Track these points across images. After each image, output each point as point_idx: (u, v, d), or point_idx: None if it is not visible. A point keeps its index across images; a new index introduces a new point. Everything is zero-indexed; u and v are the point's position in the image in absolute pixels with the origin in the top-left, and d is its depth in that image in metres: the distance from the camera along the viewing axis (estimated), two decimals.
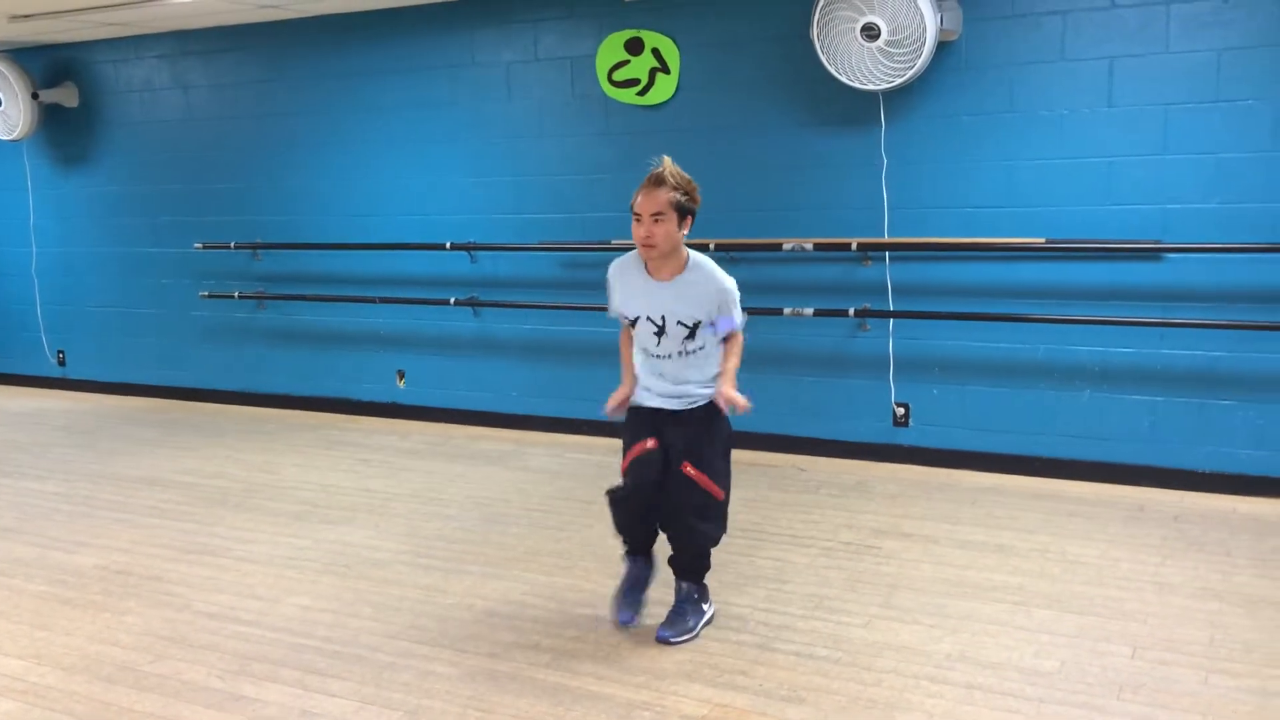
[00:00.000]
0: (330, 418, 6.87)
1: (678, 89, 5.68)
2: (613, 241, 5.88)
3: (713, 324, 3.41)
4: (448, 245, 6.32)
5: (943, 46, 4.99)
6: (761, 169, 5.55)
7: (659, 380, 3.45)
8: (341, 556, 4.25)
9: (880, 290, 5.32)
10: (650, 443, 3.38)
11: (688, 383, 3.44)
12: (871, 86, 4.98)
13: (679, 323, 3.38)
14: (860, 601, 3.66)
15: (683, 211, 3.37)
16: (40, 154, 7.84)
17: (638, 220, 3.36)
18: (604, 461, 5.61)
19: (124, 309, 7.72)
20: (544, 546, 4.32)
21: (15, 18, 6.41)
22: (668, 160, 3.41)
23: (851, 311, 5.34)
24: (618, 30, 5.75)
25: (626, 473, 3.41)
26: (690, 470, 3.35)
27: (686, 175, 3.41)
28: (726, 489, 3.45)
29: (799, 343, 5.56)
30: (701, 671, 3.17)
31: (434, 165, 6.41)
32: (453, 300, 6.39)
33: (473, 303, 6.35)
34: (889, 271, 5.30)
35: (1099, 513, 4.54)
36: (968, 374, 5.21)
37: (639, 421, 3.47)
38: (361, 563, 4.18)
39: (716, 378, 3.45)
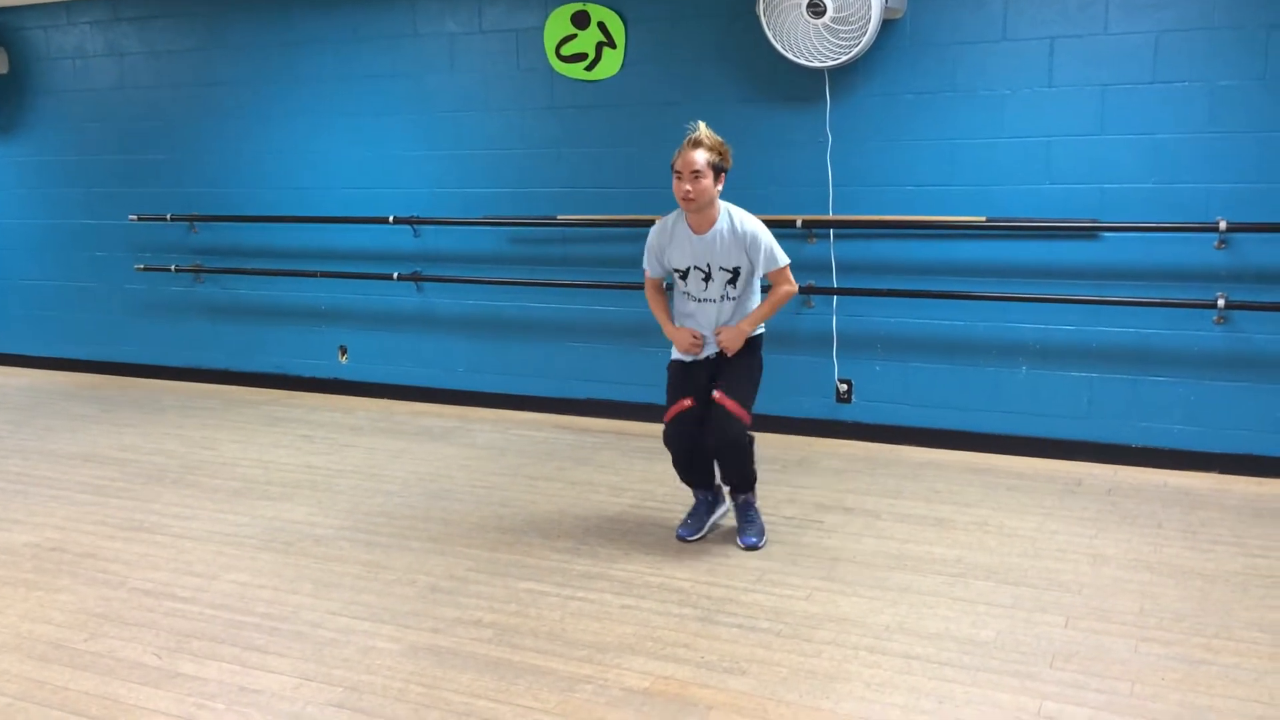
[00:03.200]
0: (271, 394, 6.78)
1: (624, 64, 5.65)
2: (558, 217, 5.85)
3: (752, 266, 3.88)
4: (390, 219, 6.24)
5: (888, 25, 5.02)
6: None
7: (709, 328, 3.94)
8: (282, 533, 4.21)
9: (825, 267, 5.36)
10: (687, 402, 3.92)
11: (711, 325, 3.93)
12: (817, 64, 4.99)
13: (721, 268, 3.86)
14: (802, 575, 3.70)
15: (717, 170, 3.77)
16: None
17: (678, 177, 3.74)
18: (550, 438, 5.60)
19: (57, 282, 7.53)
20: (488, 522, 4.30)
21: None
22: (703, 125, 3.79)
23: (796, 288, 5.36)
24: (563, 3, 5.70)
25: (667, 426, 3.97)
26: (720, 395, 3.87)
27: (719, 138, 3.80)
28: (750, 412, 3.97)
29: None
30: (644, 644, 3.19)
31: (377, 138, 6.32)
32: (396, 275, 6.32)
33: (416, 278, 6.29)
34: (833, 249, 5.33)
35: (1036, 487, 4.63)
36: (909, 351, 5.27)
37: (681, 376, 3.99)
38: (302, 539, 4.13)
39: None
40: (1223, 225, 4.57)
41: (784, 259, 3.91)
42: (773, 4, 4.96)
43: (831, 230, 5.32)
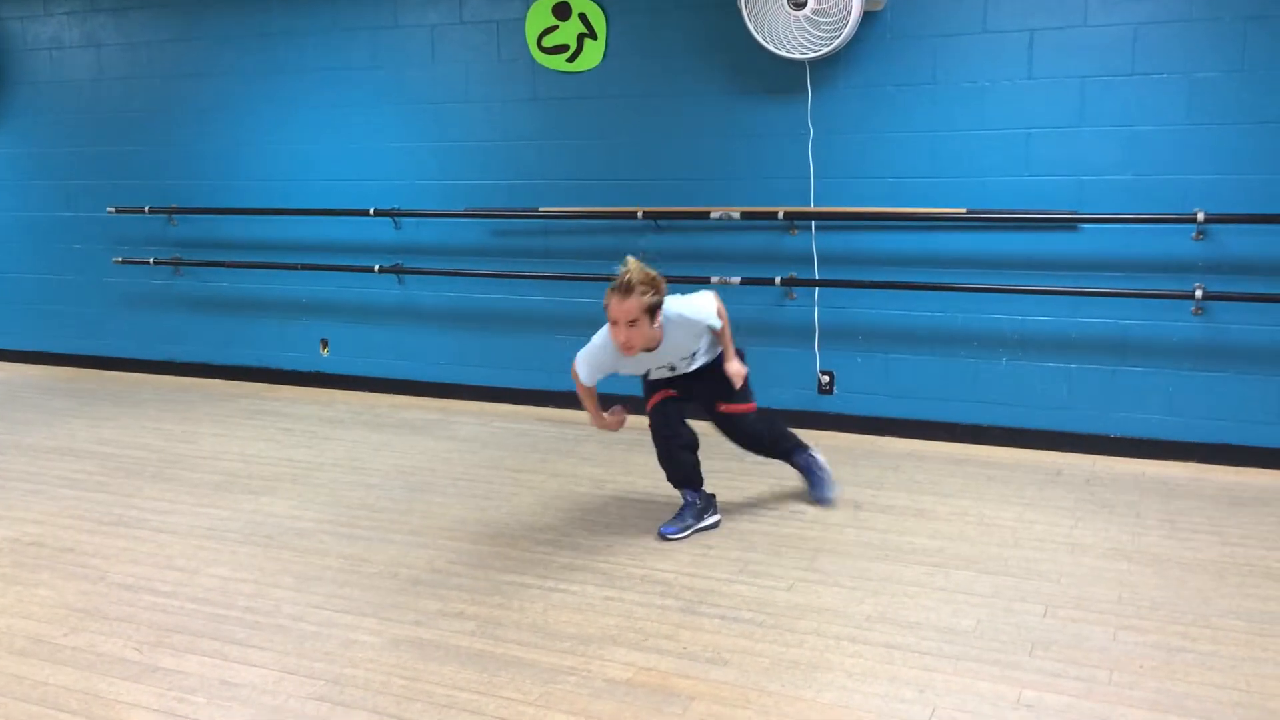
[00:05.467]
0: (252, 387, 6.74)
1: (605, 55, 5.64)
2: (540, 209, 5.83)
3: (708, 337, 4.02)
4: (371, 211, 6.22)
5: (868, 17, 5.02)
6: (689, 137, 5.54)
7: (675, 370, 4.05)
8: (262, 527, 4.19)
9: (806, 259, 5.37)
10: (670, 391, 4.06)
11: (685, 362, 4.04)
12: (798, 56, 4.99)
13: (682, 358, 3.99)
14: (784, 565, 3.71)
15: (654, 310, 3.71)
16: None
17: (614, 324, 3.69)
18: (531, 430, 5.59)
19: (34, 275, 7.46)
20: (469, 515, 4.30)
21: None
22: (633, 263, 3.69)
23: (778, 280, 5.38)
24: None
25: (651, 413, 4.09)
26: (724, 408, 4.12)
27: (650, 272, 3.70)
28: (754, 400, 4.20)
29: (726, 311, 5.57)
30: (626, 635, 3.19)
31: (357, 129, 6.29)
32: (377, 267, 6.30)
33: (397, 270, 6.26)
34: (815, 240, 5.34)
35: (1016, 477, 4.66)
36: (891, 342, 5.29)
37: (656, 383, 4.10)
38: (283, 532, 4.12)
39: (710, 346, 4.08)
40: (1201, 217, 4.60)
41: (710, 304, 3.94)
42: None
43: (813, 222, 5.33)
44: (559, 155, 5.85)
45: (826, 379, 5.44)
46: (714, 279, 5.47)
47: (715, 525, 4.11)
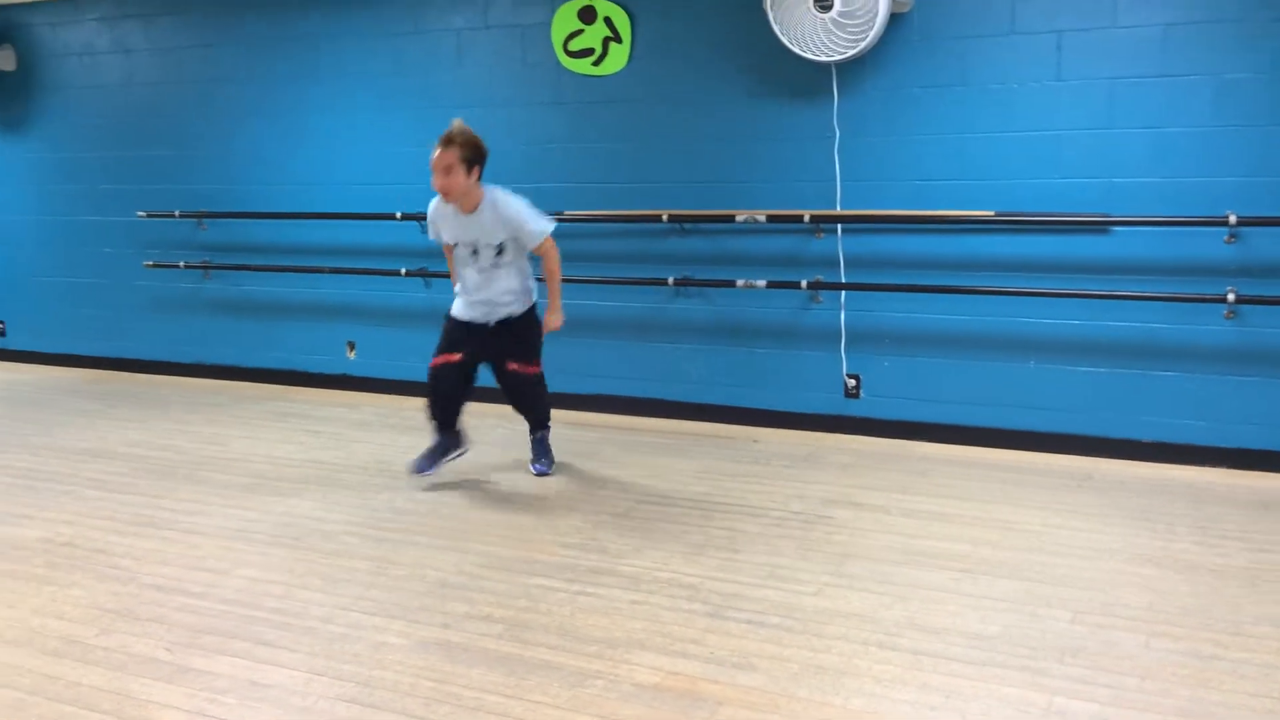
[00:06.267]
0: (279, 389, 6.79)
1: (630, 59, 5.65)
2: (565, 212, 5.85)
3: (516, 239, 4.43)
4: (398, 215, 6.25)
5: (895, 19, 5.01)
6: (715, 140, 5.54)
7: (477, 290, 4.49)
8: (290, 528, 4.22)
9: (832, 262, 5.35)
10: (455, 356, 4.56)
11: (498, 293, 4.48)
12: (824, 58, 4.98)
13: (487, 244, 4.41)
14: (811, 570, 3.70)
15: (470, 163, 4.28)
16: None
17: (434, 173, 4.27)
18: (557, 433, 5.59)
19: (66, 279, 7.55)
20: (495, 518, 4.31)
21: None
22: (457, 121, 4.34)
23: (804, 283, 5.37)
24: None
25: (432, 370, 4.62)
26: (514, 366, 4.63)
27: (472, 132, 4.30)
28: (539, 365, 4.71)
29: (751, 314, 5.58)
30: (654, 640, 3.19)
31: (384, 133, 6.32)
32: (404, 271, 6.33)
33: (424, 274, 6.29)
34: (841, 244, 5.33)
35: (1044, 482, 4.62)
36: (918, 346, 5.27)
37: (454, 333, 4.59)
38: (311, 534, 4.14)
39: (522, 292, 4.54)
40: (1232, 219, 4.56)
41: (546, 225, 4.44)
42: None
43: (839, 225, 5.32)
44: (584, 159, 5.86)
45: (853, 383, 5.42)
46: (739, 282, 5.46)
47: (463, 453, 4.84)
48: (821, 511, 4.30)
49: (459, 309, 4.61)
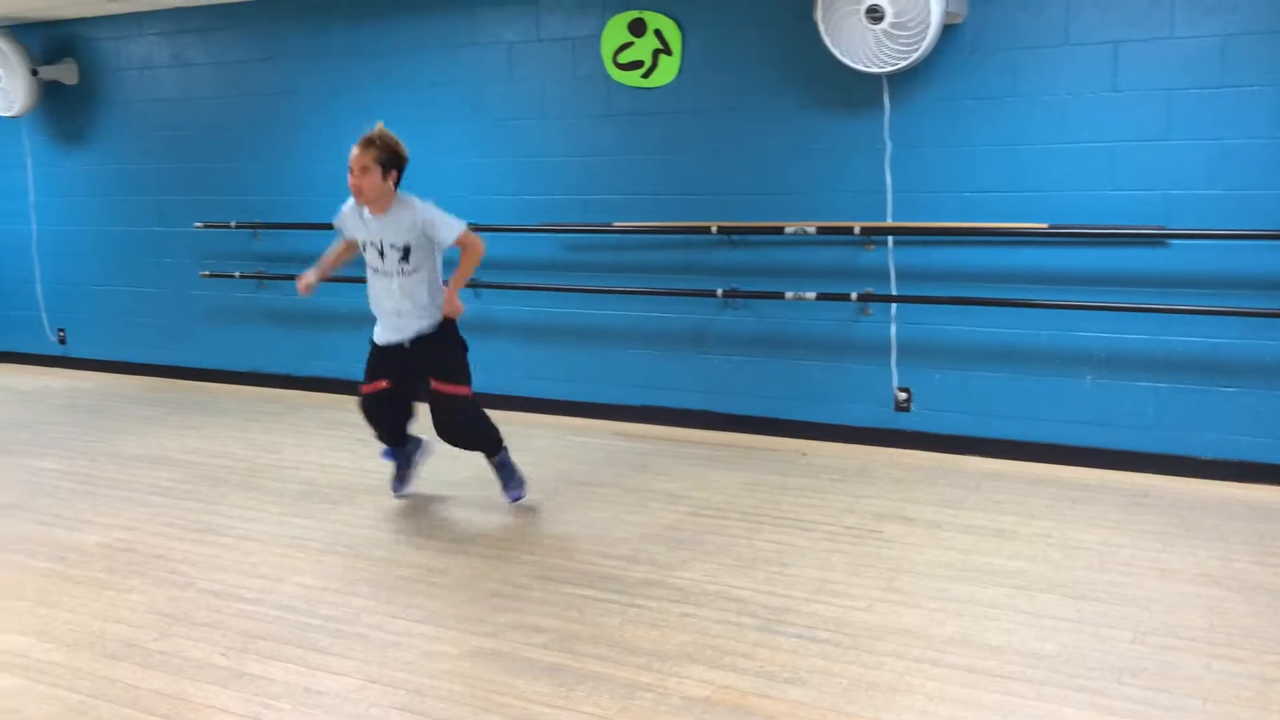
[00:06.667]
0: (331, 398, 6.87)
1: (680, 71, 5.66)
2: (614, 224, 5.86)
3: (430, 240, 4.36)
4: None
5: (947, 29, 4.97)
6: (764, 152, 5.53)
7: (387, 299, 4.39)
8: (342, 536, 4.26)
9: (883, 274, 5.32)
10: (382, 384, 4.47)
11: (411, 307, 4.38)
12: (875, 69, 4.96)
13: (392, 245, 4.34)
14: (862, 585, 3.67)
15: (386, 166, 4.26)
16: (40, 131, 7.81)
17: (350, 173, 4.23)
18: (605, 444, 5.61)
19: (125, 288, 7.70)
20: (544, 529, 4.32)
21: None
22: (380, 125, 4.33)
23: (854, 295, 5.33)
24: (620, 11, 5.72)
25: (363, 400, 4.56)
26: (438, 385, 4.40)
27: (393, 136, 4.30)
28: (469, 384, 4.49)
29: (800, 327, 5.56)
30: (703, 653, 3.18)
31: (434, 145, 6.38)
32: None
33: (473, 284, 6.33)
34: (892, 256, 5.29)
35: (1101, 498, 4.55)
36: (970, 359, 5.21)
37: (379, 359, 4.49)
38: (362, 542, 4.19)
39: (430, 306, 4.41)
40: None
41: (456, 225, 4.39)
42: (830, 10, 4.94)
43: (890, 237, 5.28)
44: (633, 170, 5.88)
45: (904, 396, 5.38)
46: (788, 294, 5.44)
47: (427, 454, 4.80)
48: (872, 526, 4.26)
49: (377, 333, 4.51)
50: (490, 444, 4.57)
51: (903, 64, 4.89)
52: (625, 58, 5.75)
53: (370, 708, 2.91)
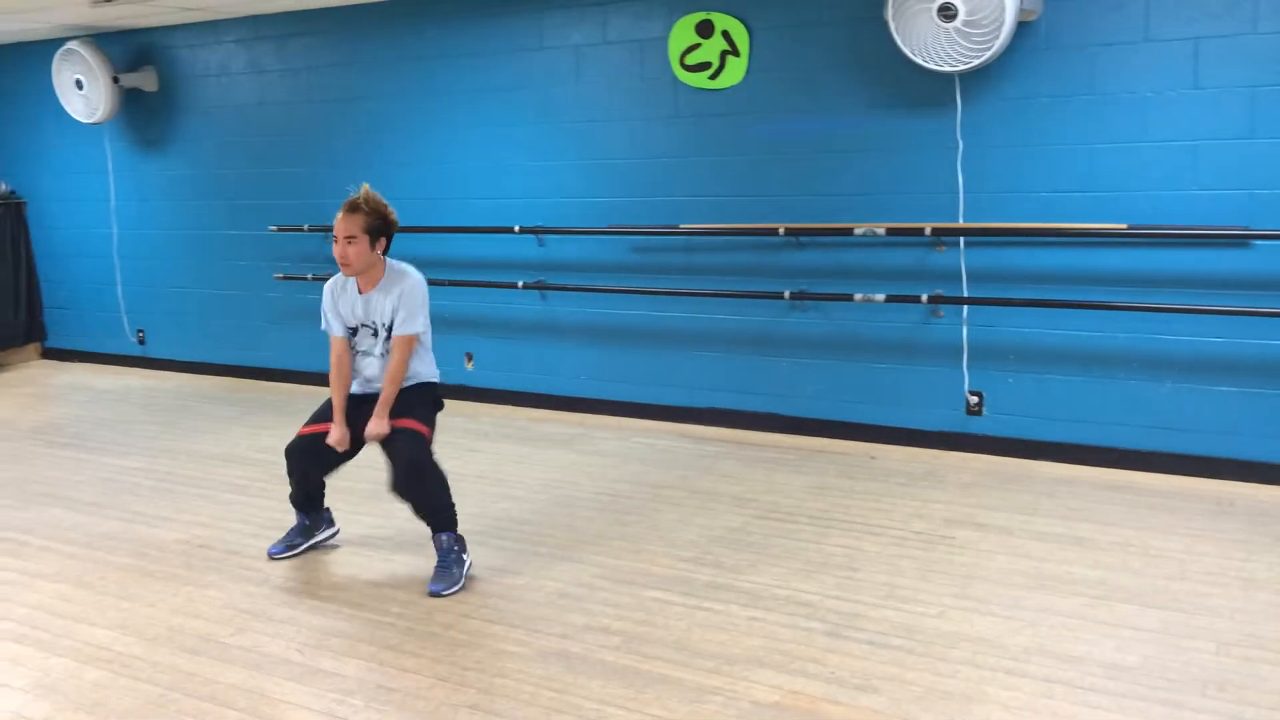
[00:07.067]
0: None
1: (747, 72, 5.63)
2: (681, 226, 5.86)
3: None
4: (516, 229, 6.35)
5: (1022, 27, 4.88)
6: (832, 152, 5.48)
7: (370, 370, 3.95)
8: (412, 536, 4.30)
9: (954, 276, 5.24)
10: (325, 426, 3.94)
11: (374, 375, 3.95)
12: (948, 68, 4.89)
13: (381, 322, 3.90)
14: (933, 591, 3.62)
15: (375, 233, 3.83)
16: (120, 137, 8.03)
17: (335, 241, 3.82)
18: (671, 446, 5.61)
19: (201, 289, 7.88)
20: (612, 530, 4.33)
21: (98, 2, 6.55)
22: (365, 187, 3.90)
23: (924, 297, 5.26)
24: (688, 13, 5.71)
25: (295, 440, 4.03)
26: (397, 420, 3.84)
27: (381, 200, 3.88)
28: (430, 429, 3.92)
29: (870, 329, 5.50)
30: (772, 658, 3.16)
31: (503, 149, 6.44)
32: (520, 283, 6.42)
33: (540, 286, 6.38)
34: (964, 257, 5.21)
35: (1182, 506, 4.43)
36: (1044, 362, 5.11)
37: (330, 406, 3.99)
38: (431, 542, 4.22)
39: (424, 374, 3.98)
40: None
41: (416, 327, 3.86)
42: (901, 8, 4.88)
43: (961, 238, 5.20)
44: (700, 172, 5.86)
45: (975, 399, 5.29)
46: (858, 296, 5.39)
47: (331, 537, 4.26)
48: (943, 531, 4.20)
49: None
50: (440, 512, 3.87)
51: (975, 62, 4.82)
52: (692, 59, 5.74)
53: (441, 706, 2.94)
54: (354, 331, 3.98)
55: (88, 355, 8.61)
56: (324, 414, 4.02)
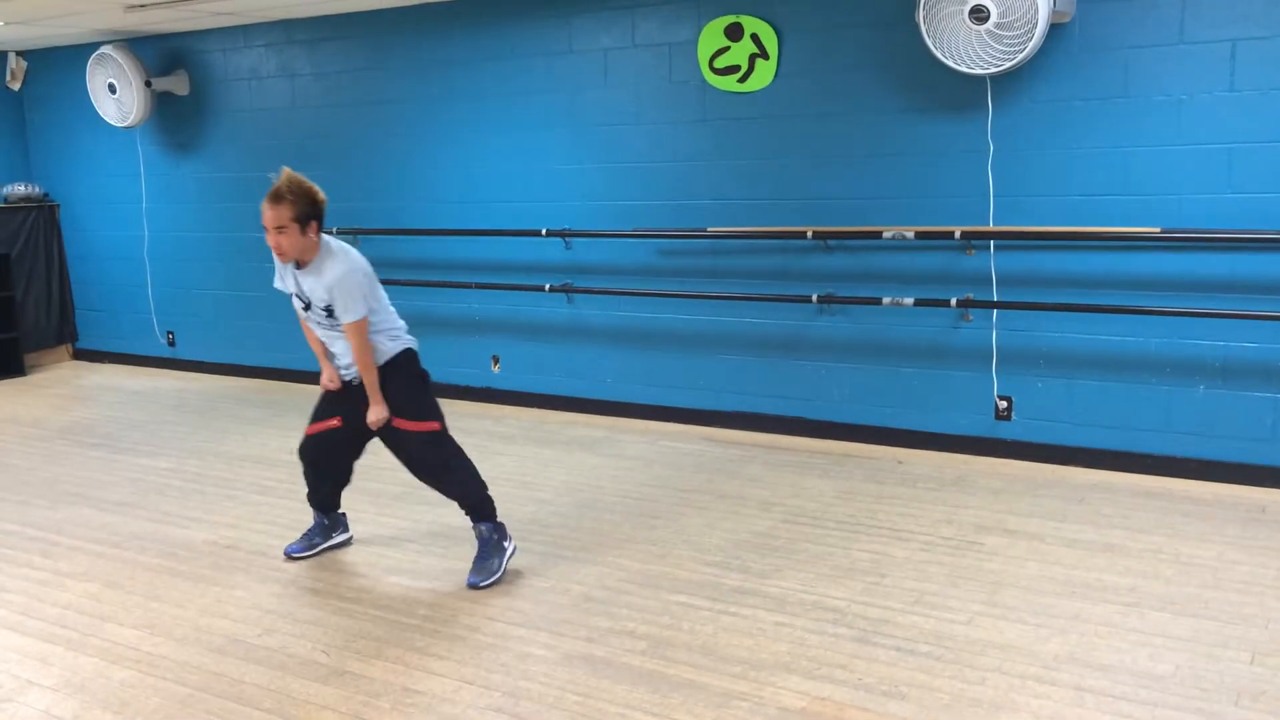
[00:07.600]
0: None
1: (777, 75, 5.61)
2: (708, 229, 5.84)
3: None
4: (543, 232, 6.35)
5: (1054, 29, 4.84)
6: (861, 155, 5.45)
7: (332, 347, 3.99)
8: (438, 538, 4.32)
9: (984, 280, 5.19)
10: (334, 421, 4.04)
11: (342, 352, 3.94)
12: (979, 71, 4.84)
13: (313, 303, 3.88)
14: (962, 598, 3.58)
15: (304, 219, 3.73)
16: (152, 140, 8.10)
17: (267, 232, 3.75)
18: (698, 450, 5.59)
19: (230, 292, 7.94)
20: (638, 534, 4.32)
21: (131, 8, 6.62)
22: (286, 171, 3.77)
23: (953, 301, 5.22)
24: (717, 16, 5.70)
25: (305, 439, 4.13)
26: (398, 423, 3.91)
27: (305, 183, 3.76)
28: (439, 417, 3.98)
29: (898, 333, 5.46)
30: (799, 663, 3.14)
31: (531, 152, 6.44)
32: (547, 286, 6.43)
33: (567, 289, 6.38)
34: (993, 261, 5.16)
35: (1215, 513, 4.37)
36: (1075, 367, 5.06)
37: (329, 397, 4.08)
38: (458, 544, 4.23)
39: (385, 348, 3.94)
40: None
41: (356, 314, 3.80)
42: (932, 11, 4.84)
43: (991, 242, 5.15)
44: (728, 175, 5.85)
45: (1004, 404, 5.24)
46: (886, 300, 5.35)
47: (346, 543, 4.26)
48: (972, 537, 4.16)
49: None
50: (472, 498, 3.91)
51: (1007, 65, 4.77)
52: (721, 62, 5.72)
53: (466, 709, 2.93)
54: (305, 305, 3.96)
55: (118, 356, 8.69)
56: (321, 410, 4.11)
